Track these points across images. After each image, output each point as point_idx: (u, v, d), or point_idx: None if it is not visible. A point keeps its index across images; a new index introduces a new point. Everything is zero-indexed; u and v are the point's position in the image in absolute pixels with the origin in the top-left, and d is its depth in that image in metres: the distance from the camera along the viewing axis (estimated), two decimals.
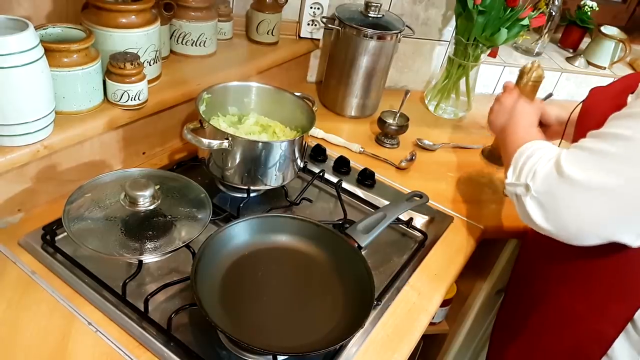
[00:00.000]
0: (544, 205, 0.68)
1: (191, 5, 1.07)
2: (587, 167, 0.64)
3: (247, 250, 0.77)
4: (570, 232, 0.66)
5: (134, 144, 0.98)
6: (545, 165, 0.69)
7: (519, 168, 0.74)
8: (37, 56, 0.74)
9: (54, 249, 0.77)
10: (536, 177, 0.69)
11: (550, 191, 0.67)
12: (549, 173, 0.68)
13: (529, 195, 0.69)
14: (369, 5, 1.19)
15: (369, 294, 0.70)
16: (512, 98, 0.95)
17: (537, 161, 0.71)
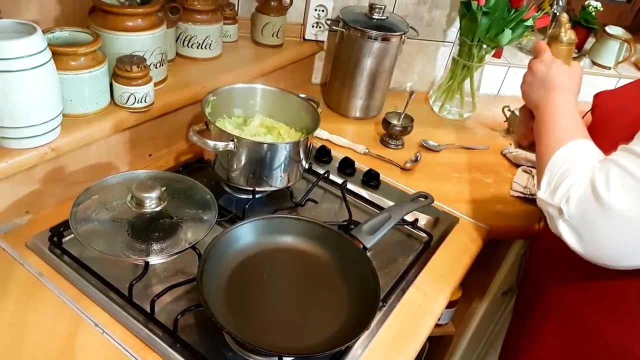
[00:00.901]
0: (579, 230, 0.64)
1: (197, 8, 1.07)
2: (624, 191, 0.60)
3: (252, 251, 0.77)
4: (605, 258, 0.64)
5: (140, 146, 0.99)
6: (580, 187, 0.65)
7: (553, 185, 0.69)
8: (45, 60, 0.74)
9: (61, 251, 0.78)
10: (570, 202, 0.65)
11: (585, 217, 0.64)
12: (584, 197, 0.64)
13: (561, 218, 0.66)
14: (373, 7, 1.20)
15: (374, 295, 0.70)
16: (546, 64, 0.82)
17: (573, 183, 0.66)
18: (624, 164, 0.62)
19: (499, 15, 1.17)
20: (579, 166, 0.67)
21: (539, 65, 0.83)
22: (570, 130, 0.74)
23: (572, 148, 0.70)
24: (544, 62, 0.83)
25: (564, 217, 0.65)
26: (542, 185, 0.71)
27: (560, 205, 0.66)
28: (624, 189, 0.61)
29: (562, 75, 0.81)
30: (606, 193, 0.61)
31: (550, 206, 0.68)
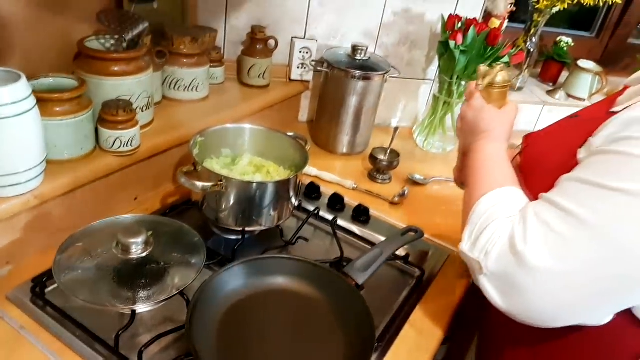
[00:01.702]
0: (501, 288, 0.60)
1: (183, 52, 1.09)
2: (543, 246, 0.56)
3: (243, 294, 0.75)
4: (535, 318, 0.59)
5: (126, 190, 0.98)
6: (499, 241, 0.60)
7: (474, 237, 0.64)
8: (29, 106, 0.74)
9: (44, 302, 0.75)
10: (489, 257, 0.61)
11: (506, 274, 0.59)
12: (503, 252, 0.59)
13: (482, 274, 0.62)
14: (356, 48, 1.23)
15: (370, 336, 0.68)
16: (475, 110, 0.80)
17: (492, 235, 0.62)
18: (542, 215, 0.58)
19: (475, 53, 1.21)
20: (499, 216, 0.63)
21: (467, 112, 0.81)
22: (496, 178, 0.70)
23: (494, 196, 0.67)
24: (472, 108, 0.81)
25: (484, 272, 0.61)
26: (464, 236, 0.67)
27: (479, 260, 0.62)
28: (543, 243, 0.56)
29: (491, 121, 0.78)
30: (523, 247, 0.57)
31: (470, 259, 0.64)
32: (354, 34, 1.34)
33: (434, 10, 1.34)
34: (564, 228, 0.55)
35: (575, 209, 0.55)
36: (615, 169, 0.54)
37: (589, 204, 0.54)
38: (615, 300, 0.57)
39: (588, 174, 0.57)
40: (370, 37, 1.35)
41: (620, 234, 0.52)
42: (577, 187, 0.57)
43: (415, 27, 1.36)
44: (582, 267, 0.54)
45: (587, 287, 0.55)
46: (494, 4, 1.43)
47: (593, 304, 0.57)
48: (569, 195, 0.57)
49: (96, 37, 0.94)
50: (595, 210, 0.54)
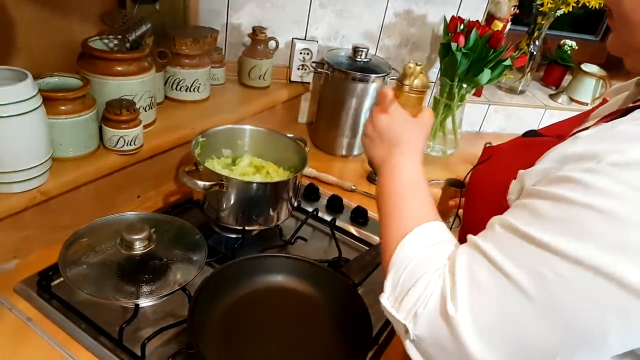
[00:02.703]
0: (428, 354, 0.50)
1: (185, 53, 1.11)
2: (471, 313, 0.46)
3: (243, 291, 0.77)
4: None
5: (129, 188, 1.00)
6: (430, 301, 0.50)
7: (399, 293, 0.53)
8: (35, 105, 0.76)
9: (50, 295, 0.77)
10: (418, 321, 0.50)
11: (435, 342, 0.49)
12: (433, 318, 0.49)
13: (408, 339, 0.51)
14: (357, 50, 1.25)
15: (367, 335, 0.70)
16: (391, 117, 0.69)
17: (421, 295, 0.51)
18: (472, 268, 0.48)
19: (478, 55, 1.22)
20: (428, 269, 0.52)
21: (381, 117, 0.70)
22: (417, 209, 0.61)
23: (420, 237, 0.56)
24: (388, 113, 0.70)
25: (410, 338, 0.50)
26: (385, 287, 0.55)
27: (405, 323, 0.51)
28: (472, 307, 0.46)
29: (408, 131, 0.69)
30: (454, 312, 0.47)
31: (394, 320, 0.52)
32: (355, 35, 1.35)
33: (435, 12, 1.35)
34: (496, 289, 0.46)
35: (506, 266, 0.46)
36: (552, 218, 0.45)
37: (521, 262, 0.45)
38: None
39: (520, 221, 0.47)
40: (371, 38, 1.36)
41: (559, 306, 0.43)
42: (508, 237, 0.48)
43: (416, 29, 1.37)
44: (516, 342, 0.46)
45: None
46: (497, 6, 1.45)
47: None
48: (500, 245, 0.48)
49: (100, 37, 0.96)
50: (529, 273, 0.44)
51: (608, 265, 0.41)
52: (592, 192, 0.42)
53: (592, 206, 0.42)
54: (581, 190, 0.43)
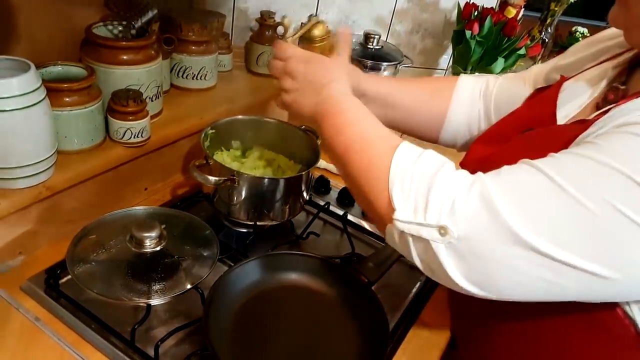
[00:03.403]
0: (468, 258, 0.48)
1: (192, 39, 1.07)
2: (532, 206, 0.46)
3: (257, 290, 0.75)
4: (503, 295, 0.50)
5: (136, 181, 0.97)
6: (467, 198, 0.48)
7: (415, 201, 0.50)
8: (40, 97, 0.73)
9: (58, 294, 0.75)
10: (458, 216, 0.47)
11: (480, 239, 0.47)
12: (476, 211, 0.47)
13: (445, 242, 0.48)
14: (369, 37, 1.21)
15: (383, 334, 0.69)
16: (304, 61, 0.67)
17: (449, 190, 0.49)
18: (508, 172, 0.49)
19: (492, 44, 1.19)
20: (437, 167, 0.51)
21: (296, 66, 0.67)
22: (380, 130, 0.60)
23: (410, 147, 0.55)
24: (298, 58, 0.67)
25: (450, 239, 0.48)
26: (396, 204, 0.51)
27: (445, 224, 0.48)
28: (534, 197, 0.47)
29: (331, 66, 0.67)
30: (505, 204, 0.46)
31: (424, 228, 0.49)
32: (366, 20, 1.31)
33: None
34: (537, 187, 0.46)
35: (555, 175, 0.46)
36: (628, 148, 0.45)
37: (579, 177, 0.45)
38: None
39: (584, 150, 0.47)
40: (382, 24, 1.32)
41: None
42: (553, 157, 0.48)
43: (429, 15, 1.33)
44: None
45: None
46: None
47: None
48: (546, 162, 0.48)
49: (104, 23, 0.92)
50: (577, 181, 0.45)
51: None
52: None
53: None
54: None
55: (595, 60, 0.70)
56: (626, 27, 0.57)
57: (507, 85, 0.84)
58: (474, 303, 0.57)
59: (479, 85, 0.86)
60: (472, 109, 0.85)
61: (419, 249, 0.51)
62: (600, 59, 0.69)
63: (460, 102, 0.85)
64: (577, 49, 0.77)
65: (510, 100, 0.80)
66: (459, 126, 0.86)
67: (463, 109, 0.85)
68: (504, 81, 0.85)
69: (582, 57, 0.73)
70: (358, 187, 0.58)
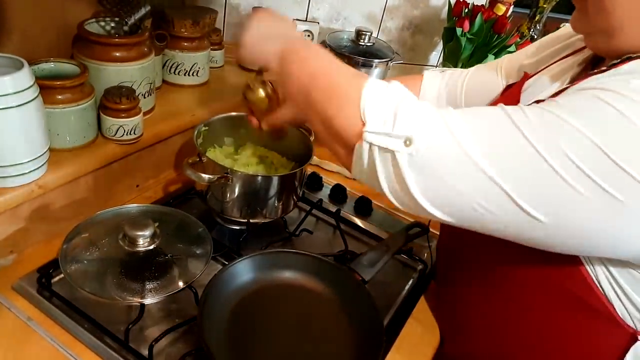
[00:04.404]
0: (426, 172, 0.50)
1: (184, 35, 1.06)
2: (489, 135, 0.49)
3: (251, 289, 0.76)
4: (458, 218, 0.52)
5: (128, 178, 0.96)
6: (434, 117, 0.51)
7: (386, 111, 0.53)
8: (33, 95, 0.72)
9: (51, 293, 0.74)
10: (423, 130, 0.50)
11: (438, 152, 0.50)
12: (438, 127, 0.50)
13: (408, 152, 0.50)
14: (360, 33, 1.21)
15: (378, 333, 0.69)
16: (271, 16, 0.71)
17: (417, 108, 0.52)
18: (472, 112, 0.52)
19: (482, 41, 1.20)
20: (412, 98, 0.54)
21: (262, 15, 0.71)
22: (347, 66, 0.63)
23: (380, 81, 0.57)
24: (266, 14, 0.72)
25: (412, 150, 0.50)
26: (368, 117, 0.53)
27: (409, 134, 0.50)
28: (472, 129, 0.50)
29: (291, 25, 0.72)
30: (464, 132, 0.49)
31: (392, 139, 0.51)
32: (357, 16, 1.32)
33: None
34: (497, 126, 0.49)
35: (516, 120, 0.48)
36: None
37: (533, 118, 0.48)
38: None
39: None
40: (373, 20, 1.33)
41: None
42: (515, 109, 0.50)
43: (420, 11, 1.34)
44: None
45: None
46: None
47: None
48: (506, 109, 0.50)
49: (96, 19, 0.91)
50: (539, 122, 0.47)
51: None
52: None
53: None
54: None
55: (559, 55, 0.71)
56: (586, 33, 0.59)
57: (476, 80, 0.84)
58: (457, 294, 0.58)
59: (447, 81, 0.86)
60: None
61: (386, 164, 0.53)
62: (563, 55, 0.70)
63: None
64: (543, 45, 0.78)
65: (483, 95, 0.81)
66: None
67: None
68: (473, 77, 0.85)
69: (546, 55, 0.74)
70: (324, 112, 0.59)
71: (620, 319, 0.56)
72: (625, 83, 0.46)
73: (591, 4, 0.53)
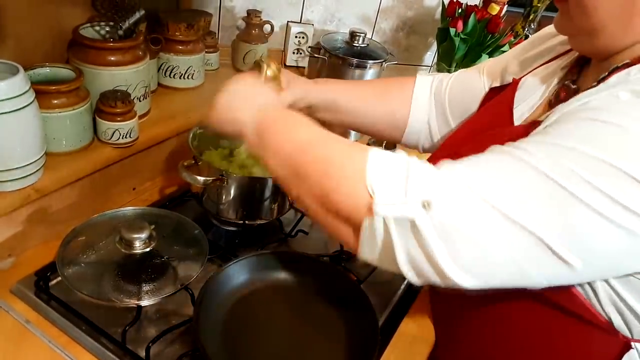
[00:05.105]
0: (452, 234, 0.47)
1: (179, 39, 1.07)
2: (503, 180, 0.47)
3: (247, 290, 0.76)
4: (485, 278, 0.49)
5: (124, 181, 0.97)
6: (444, 176, 0.48)
7: (394, 179, 0.49)
8: (29, 101, 0.73)
9: (48, 296, 0.75)
10: (438, 189, 0.47)
11: (461, 211, 0.46)
12: (454, 185, 0.47)
13: (430, 217, 0.46)
14: (354, 34, 1.22)
15: (373, 332, 0.70)
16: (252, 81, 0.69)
17: (426, 170, 0.49)
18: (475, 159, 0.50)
19: (476, 41, 1.20)
20: (417, 162, 0.51)
21: (243, 79, 0.70)
22: (330, 133, 0.60)
23: (381, 152, 0.53)
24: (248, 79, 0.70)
25: (434, 212, 0.46)
26: (376, 189, 0.49)
27: (426, 198, 0.47)
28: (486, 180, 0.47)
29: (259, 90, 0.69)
30: (482, 184, 0.47)
31: (407, 206, 0.47)
32: (351, 18, 1.32)
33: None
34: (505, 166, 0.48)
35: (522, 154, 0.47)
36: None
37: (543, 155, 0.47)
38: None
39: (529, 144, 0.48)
40: (367, 22, 1.33)
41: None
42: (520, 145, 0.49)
43: (413, 12, 1.34)
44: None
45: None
46: None
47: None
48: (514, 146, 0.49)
49: (91, 24, 0.92)
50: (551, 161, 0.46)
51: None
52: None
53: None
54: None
55: (543, 59, 0.72)
56: (570, 34, 0.59)
57: (459, 82, 0.84)
58: (452, 303, 0.58)
59: (434, 85, 0.86)
60: (430, 108, 0.86)
61: (404, 236, 0.48)
62: (548, 58, 0.71)
63: (418, 103, 0.86)
64: (525, 47, 0.77)
65: (465, 96, 0.81)
66: (420, 127, 0.86)
67: (421, 109, 0.86)
68: (457, 79, 0.85)
69: (529, 57, 0.74)
70: (319, 187, 0.54)
71: (615, 330, 0.55)
72: (615, 98, 0.46)
73: (573, 6, 0.54)
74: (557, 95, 0.64)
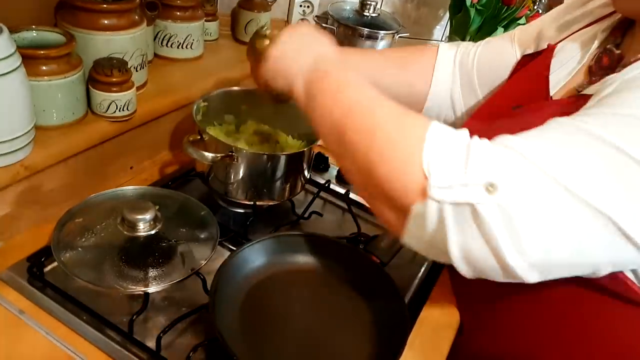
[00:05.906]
0: (519, 222, 0.41)
1: (177, 4, 0.98)
2: (569, 155, 0.42)
3: (264, 274, 0.70)
4: (550, 268, 0.45)
5: (121, 159, 0.89)
6: (506, 153, 0.43)
7: (457, 160, 0.43)
8: (15, 65, 0.64)
9: (43, 283, 0.68)
10: (502, 170, 0.41)
11: (529, 197, 0.41)
12: (520, 165, 0.42)
13: (495, 202, 0.41)
14: (365, 3, 1.15)
15: (401, 318, 0.65)
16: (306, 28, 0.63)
17: (487, 147, 0.43)
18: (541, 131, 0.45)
19: (491, 13, 1.14)
20: (477, 138, 0.45)
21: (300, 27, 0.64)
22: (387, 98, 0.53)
23: (444, 127, 0.47)
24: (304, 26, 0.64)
25: (499, 197, 0.41)
26: (432, 168, 0.43)
27: (494, 182, 0.41)
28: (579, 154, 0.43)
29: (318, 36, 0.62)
30: (548, 161, 0.42)
31: (468, 189, 0.41)
32: None
33: None
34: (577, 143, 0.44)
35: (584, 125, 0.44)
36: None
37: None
38: None
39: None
40: None
41: None
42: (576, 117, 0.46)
43: None
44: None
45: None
46: None
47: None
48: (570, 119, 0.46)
49: None
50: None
51: None
52: None
53: None
54: None
55: (581, 23, 0.68)
56: None
57: (488, 51, 0.80)
58: (477, 287, 0.53)
59: (459, 54, 0.82)
60: (454, 79, 0.81)
61: (462, 223, 0.42)
62: (586, 22, 0.67)
63: (440, 74, 0.81)
64: (561, 11, 0.73)
65: (495, 65, 0.77)
66: (442, 99, 0.82)
67: (443, 80, 0.81)
68: (485, 47, 0.80)
69: (567, 21, 0.70)
70: (363, 158, 0.47)
71: None
72: None
73: None
74: (599, 61, 0.60)
